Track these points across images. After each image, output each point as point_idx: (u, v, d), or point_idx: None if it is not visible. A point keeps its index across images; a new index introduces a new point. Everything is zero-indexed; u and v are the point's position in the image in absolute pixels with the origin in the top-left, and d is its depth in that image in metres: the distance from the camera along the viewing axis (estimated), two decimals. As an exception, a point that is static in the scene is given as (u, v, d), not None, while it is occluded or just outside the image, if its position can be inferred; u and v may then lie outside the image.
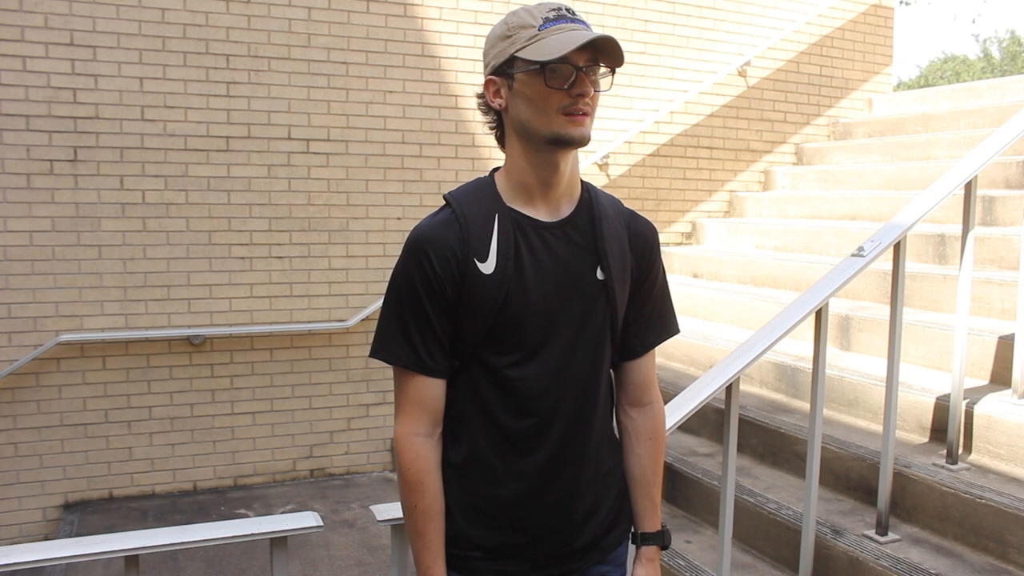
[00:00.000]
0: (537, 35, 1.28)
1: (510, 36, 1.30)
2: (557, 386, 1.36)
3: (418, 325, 1.33)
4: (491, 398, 1.36)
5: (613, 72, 1.33)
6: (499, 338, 1.34)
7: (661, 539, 1.52)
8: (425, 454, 1.35)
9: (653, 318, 1.48)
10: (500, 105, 1.34)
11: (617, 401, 1.52)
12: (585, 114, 1.29)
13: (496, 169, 1.42)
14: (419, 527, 1.36)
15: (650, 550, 1.52)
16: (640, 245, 1.44)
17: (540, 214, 1.37)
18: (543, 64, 1.26)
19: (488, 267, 1.31)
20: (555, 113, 1.28)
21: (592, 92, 1.29)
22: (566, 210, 1.39)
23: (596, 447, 1.43)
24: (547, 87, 1.27)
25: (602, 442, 1.45)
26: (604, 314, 1.39)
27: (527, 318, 1.33)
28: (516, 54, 1.29)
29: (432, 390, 1.35)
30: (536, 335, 1.35)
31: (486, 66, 1.35)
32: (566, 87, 1.27)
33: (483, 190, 1.37)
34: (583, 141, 1.31)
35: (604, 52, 1.29)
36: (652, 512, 1.52)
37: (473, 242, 1.32)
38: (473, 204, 1.35)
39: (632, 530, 1.54)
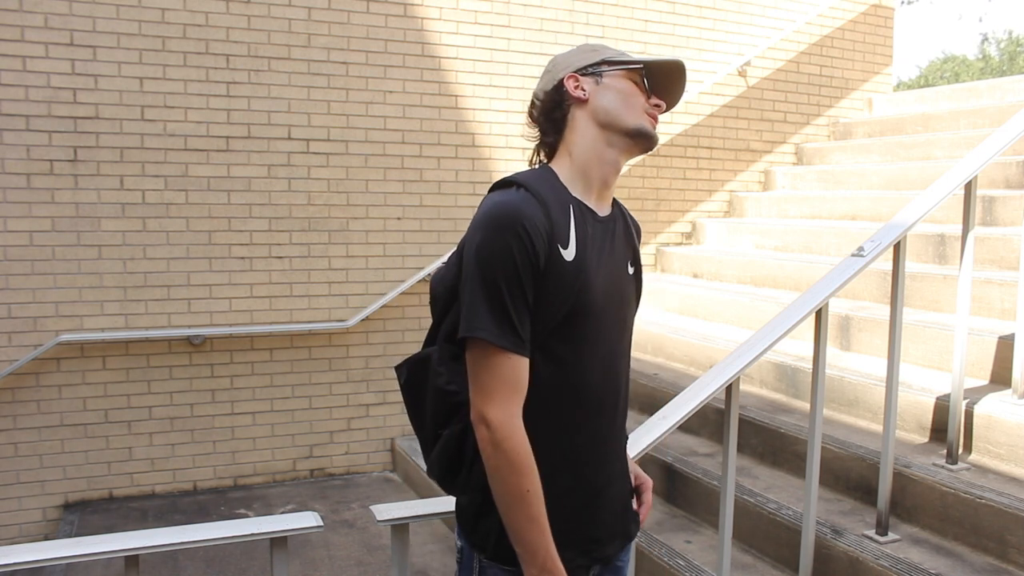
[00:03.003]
0: (623, 53, 1.47)
1: (596, 51, 1.46)
2: (607, 375, 1.41)
3: (515, 303, 1.28)
4: (550, 387, 1.35)
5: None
6: (568, 327, 1.33)
7: None
8: (526, 436, 1.30)
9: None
10: (582, 95, 1.42)
11: None
12: (657, 120, 1.46)
13: (544, 164, 1.46)
14: (534, 512, 1.29)
15: None
16: (637, 236, 1.57)
17: (594, 207, 1.43)
18: (646, 65, 1.44)
19: (569, 254, 1.32)
20: (640, 109, 1.43)
21: (663, 108, 1.47)
22: (607, 209, 1.47)
23: (623, 434, 1.51)
24: (639, 87, 1.44)
25: (624, 429, 1.52)
26: (635, 306, 1.50)
27: (593, 308, 1.35)
28: (608, 58, 1.44)
29: (526, 370, 1.32)
30: (596, 325, 1.37)
31: (562, 70, 1.45)
32: (650, 92, 1.46)
33: (551, 179, 1.39)
34: (656, 141, 1.45)
35: (674, 84, 1.48)
36: None
37: (556, 226, 1.32)
38: (548, 191, 1.35)
39: None
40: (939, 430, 2.83)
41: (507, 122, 4.91)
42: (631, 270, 1.48)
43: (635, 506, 1.58)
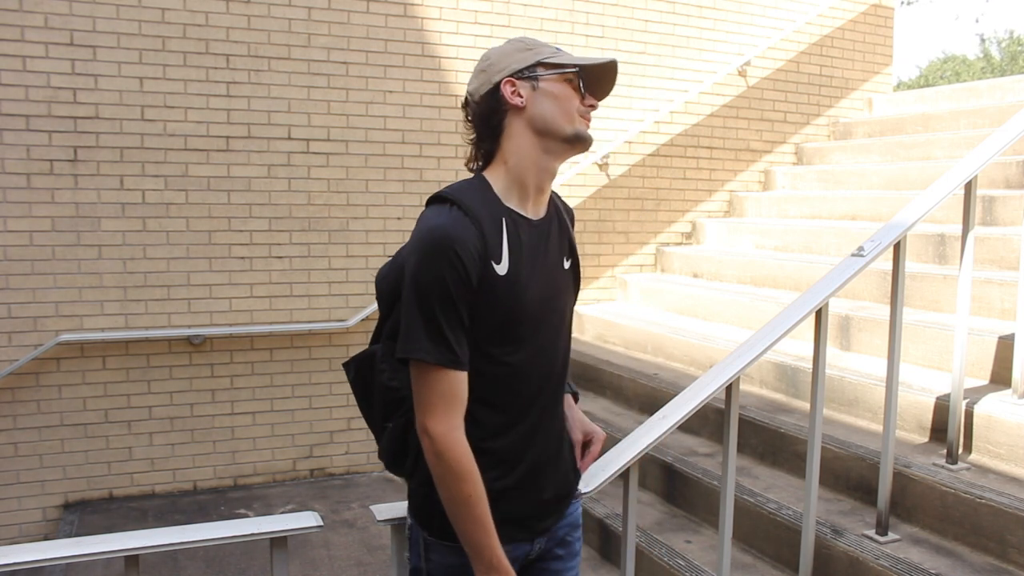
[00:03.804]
0: (557, 52, 1.47)
1: (531, 49, 1.46)
2: (544, 365, 1.49)
3: (449, 322, 1.35)
4: (494, 383, 1.43)
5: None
6: (505, 331, 1.42)
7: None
8: (467, 445, 1.38)
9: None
10: (520, 103, 1.44)
11: None
12: (590, 119, 1.49)
13: (479, 173, 1.50)
14: (477, 514, 1.38)
15: None
16: (572, 222, 1.63)
17: (529, 214, 1.48)
18: (581, 67, 1.45)
19: (503, 268, 1.39)
20: (576, 113, 1.45)
21: (597, 106, 1.50)
22: (543, 211, 1.51)
23: (562, 408, 1.59)
24: (574, 89, 1.45)
25: (562, 406, 1.60)
26: (573, 294, 1.58)
27: (528, 313, 1.43)
28: (543, 60, 1.44)
29: (464, 384, 1.39)
30: (532, 327, 1.45)
31: (498, 72, 1.45)
32: (584, 94, 1.47)
33: (483, 191, 1.44)
34: (591, 143, 1.49)
35: (606, 80, 1.50)
36: None
37: (489, 243, 1.38)
38: (481, 206, 1.40)
39: None
40: (939, 430, 2.83)
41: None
42: (567, 264, 1.54)
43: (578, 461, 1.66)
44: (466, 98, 1.52)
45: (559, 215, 1.55)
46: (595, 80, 1.49)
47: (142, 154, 4.22)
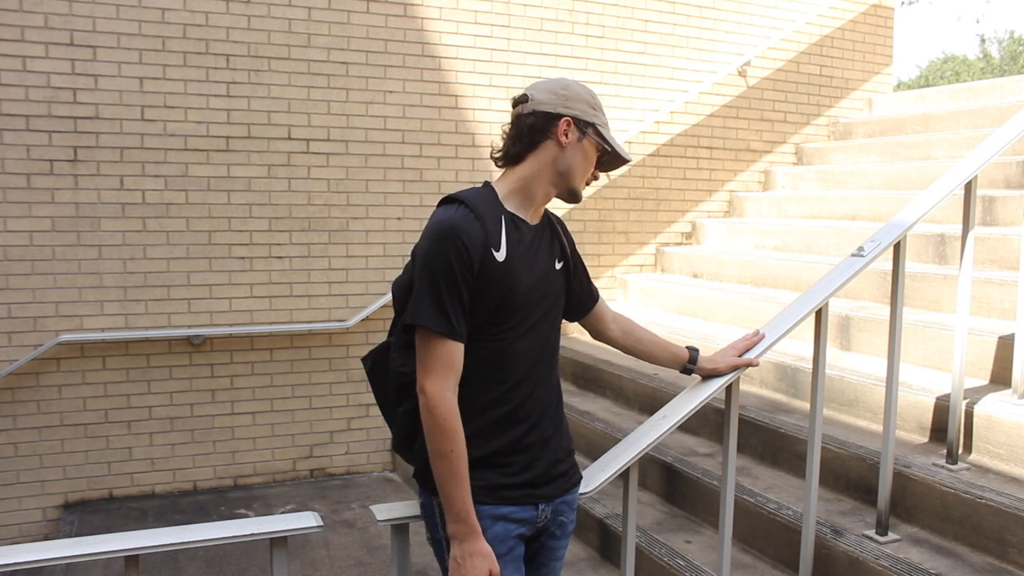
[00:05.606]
0: (607, 124, 1.78)
1: (595, 110, 1.74)
2: (534, 346, 1.70)
3: (451, 299, 1.58)
4: (491, 358, 1.65)
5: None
6: (502, 313, 1.64)
7: (696, 351, 2.04)
8: (455, 406, 1.59)
9: (587, 280, 1.94)
10: (563, 142, 1.70)
11: (602, 332, 2.01)
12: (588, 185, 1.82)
13: (487, 182, 1.75)
14: (454, 468, 1.57)
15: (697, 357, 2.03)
16: (566, 233, 1.88)
17: (527, 219, 1.73)
18: (613, 151, 1.75)
19: (501, 256, 1.62)
20: (586, 176, 1.76)
21: (597, 179, 1.84)
22: (537, 220, 1.78)
23: (557, 389, 1.79)
24: (597, 159, 1.76)
25: (558, 387, 1.80)
26: (563, 291, 1.81)
27: (522, 298, 1.66)
28: (598, 126, 1.74)
29: (459, 353, 1.60)
30: (525, 311, 1.67)
31: (567, 107, 1.70)
32: (596, 170, 1.79)
33: (487, 195, 1.69)
34: (579, 202, 1.83)
35: (614, 166, 1.83)
36: (674, 346, 2.03)
37: (490, 235, 1.62)
38: (484, 205, 1.65)
39: (686, 365, 2.03)
40: (939, 430, 2.83)
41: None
42: (559, 265, 1.78)
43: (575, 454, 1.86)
44: (525, 96, 1.73)
45: (551, 225, 1.82)
46: (609, 161, 1.80)
47: (142, 154, 4.23)
